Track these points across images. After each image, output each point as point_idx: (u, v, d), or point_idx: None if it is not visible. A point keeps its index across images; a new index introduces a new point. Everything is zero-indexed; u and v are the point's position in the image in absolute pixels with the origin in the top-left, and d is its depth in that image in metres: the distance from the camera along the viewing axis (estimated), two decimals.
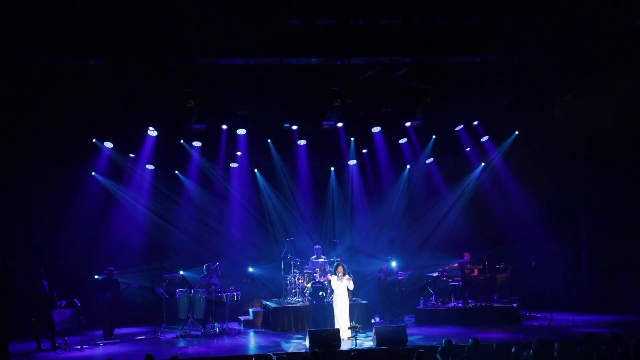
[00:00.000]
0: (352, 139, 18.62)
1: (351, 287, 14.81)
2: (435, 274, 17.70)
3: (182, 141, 17.77)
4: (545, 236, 18.59)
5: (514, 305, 16.95)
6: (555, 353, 9.51)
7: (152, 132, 17.01)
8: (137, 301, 16.75)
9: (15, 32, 11.60)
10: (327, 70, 13.15)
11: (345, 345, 13.48)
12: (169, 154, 17.81)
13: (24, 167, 16.27)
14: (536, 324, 16.07)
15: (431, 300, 17.28)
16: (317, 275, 16.75)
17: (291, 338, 15.00)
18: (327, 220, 19.13)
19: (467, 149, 18.92)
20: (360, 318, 15.71)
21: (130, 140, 17.20)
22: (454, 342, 10.55)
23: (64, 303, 14.54)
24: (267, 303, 17.14)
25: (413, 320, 16.84)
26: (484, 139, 18.64)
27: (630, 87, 14.45)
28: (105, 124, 16.06)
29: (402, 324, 15.01)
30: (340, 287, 14.69)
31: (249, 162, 18.63)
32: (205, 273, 16.28)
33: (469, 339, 10.53)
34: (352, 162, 19.14)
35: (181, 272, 16.93)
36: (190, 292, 15.93)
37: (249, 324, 17.06)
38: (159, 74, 13.18)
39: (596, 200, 18.80)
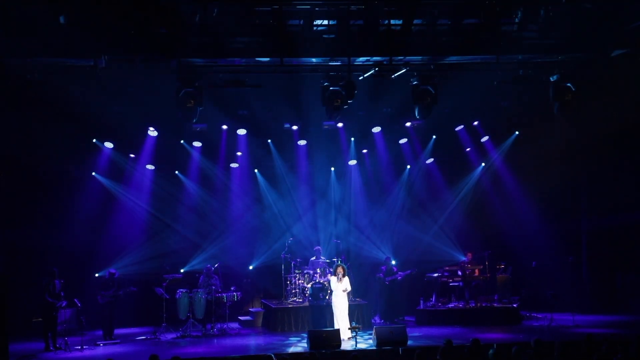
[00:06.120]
0: (352, 139, 18.64)
1: (349, 288, 14.83)
2: (435, 274, 17.73)
3: (182, 141, 17.81)
4: (545, 236, 18.59)
5: (514, 305, 16.95)
6: (555, 353, 9.51)
7: (152, 132, 17.04)
8: (137, 301, 16.74)
9: (16, 32, 11.59)
10: (327, 70, 13.14)
11: (345, 346, 13.48)
12: (169, 154, 17.82)
13: (24, 167, 16.27)
14: (536, 324, 16.07)
15: (431, 300, 17.28)
16: (317, 275, 16.75)
17: (291, 338, 15.00)
18: (327, 220, 19.12)
19: (467, 149, 18.94)
20: (360, 318, 15.72)
21: (130, 140, 17.23)
22: (454, 343, 10.54)
23: (64, 303, 14.54)
24: (267, 303, 17.14)
25: (413, 320, 16.85)
26: (484, 139, 18.67)
27: (630, 87, 14.46)
28: (106, 124, 16.08)
29: (402, 324, 15.02)
30: (340, 287, 14.70)
31: (249, 162, 18.65)
32: (205, 274, 16.32)
33: (469, 339, 10.52)
34: (352, 162, 19.14)
35: (182, 270, 17.00)
36: (190, 292, 15.94)
37: (249, 324, 17.09)
38: (159, 74, 13.18)
39: (596, 200, 18.79)
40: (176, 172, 18.41)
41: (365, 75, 13.52)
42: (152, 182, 18.10)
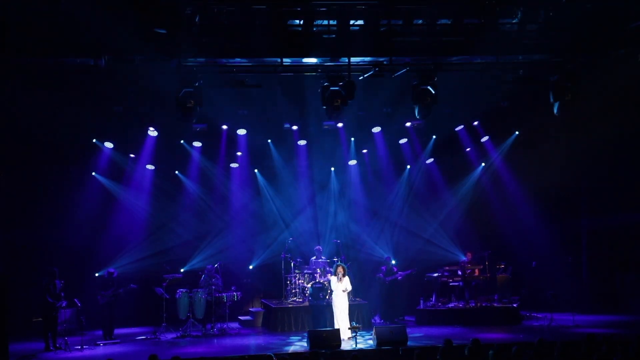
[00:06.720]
0: (352, 139, 18.64)
1: (349, 288, 14.82)
2: (435, 274, 17.73)
3: (182, 141, 17.81)
4: (545, 236, 18.59)
5: (514, 305, 16.96)
6: (555, 353, 9.51)
7: (152, 132, 17.05)
8: (137, 301, 16.74)
9: (16, 31, 11.58)
10: (327, 70, 13.14)
11: (345, 346, 13.48)
12: (169, 154, 17.82)
13: (24, 167, 16.27)
14: (536, 324, 16.08)
15: (431, 300, 17.28)
16: (317, 275, 16.76)
17: (291, 338, 15.00)
18: (327, 218, 19.12)
19: (467, 149, 18.94)
20: (360, 318, 15.72)
21: (130, 140, 17.23)
22: (454, 343, 10.54)
23: (64, 303, 14.54)
24: (267, 303, 17.14)
25: (413, 320, 16.86)
26: (484, 139, 18.67)
27: (630, 88, 14.45)
28: (106, 124, 16.08)
29: (402, 324, 15.02)
30: (340, 287, 14.70)
31: (249, 162, 18.65)
32: (207, 274, 16.33)
33: (469, 339, 10.52)
34: (352, 162, 19.14)
35: (182, 270, 17.01)
36: (190, 292, 15.94)
37: (249, 324, 17.09)
38: (159, 74, 13.18)
39: (596, 200, 18.79)
40: (176, 172, 18.41)
41: (365, 75, 13.52)
42: (152, 182, 18.10)
